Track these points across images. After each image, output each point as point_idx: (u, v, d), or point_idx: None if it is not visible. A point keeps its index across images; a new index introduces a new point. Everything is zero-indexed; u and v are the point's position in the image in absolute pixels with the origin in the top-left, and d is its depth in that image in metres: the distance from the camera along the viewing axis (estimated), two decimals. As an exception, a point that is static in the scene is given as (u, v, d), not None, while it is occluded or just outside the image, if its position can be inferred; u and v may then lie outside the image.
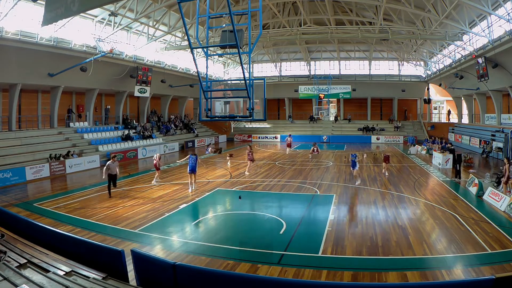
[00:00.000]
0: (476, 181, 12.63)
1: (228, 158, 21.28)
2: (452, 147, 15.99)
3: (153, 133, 27.98)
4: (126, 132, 25.28)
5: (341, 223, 9.42)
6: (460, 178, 15.07)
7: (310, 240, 8.25)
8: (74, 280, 4.54)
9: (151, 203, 11.50)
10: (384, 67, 38.63)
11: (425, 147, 24.95)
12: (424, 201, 11.67)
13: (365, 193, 12.90)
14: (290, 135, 26.60)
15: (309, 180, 15.20)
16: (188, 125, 34.33)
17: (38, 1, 13.78)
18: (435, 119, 38.54)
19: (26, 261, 5.07)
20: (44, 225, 6.89)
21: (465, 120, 32.68)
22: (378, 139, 34.39)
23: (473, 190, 12.59)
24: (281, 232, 8.74)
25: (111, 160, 12.73)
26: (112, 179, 12.60)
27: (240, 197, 12.15)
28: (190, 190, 13.30)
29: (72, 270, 4.91)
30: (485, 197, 11.74)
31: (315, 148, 22.91)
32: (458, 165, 15.49)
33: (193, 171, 13.26)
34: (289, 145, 25.48)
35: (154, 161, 15.18)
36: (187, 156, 13.63)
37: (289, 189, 13.78)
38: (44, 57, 18.55)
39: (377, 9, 24.62)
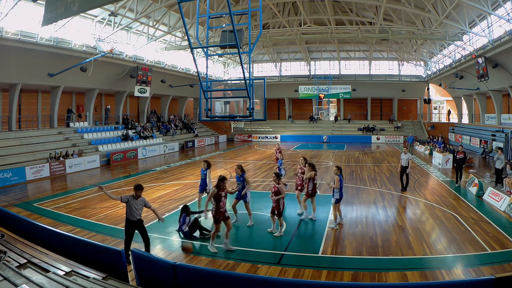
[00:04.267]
0: (476, 181, 12.62)
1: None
2: (463, 150, 14.33)
3: (153, 133, 27.99)
4: (126, 132, 25.27)
5: (341, 223, 9.41)
6: (460, 180, 14.24)
7: (310, 240, 8.25)
8: (74, 280, 4.53)
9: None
10: (384, 67, 38.63)
11: (429, 147, 24.87)
12: (424, 201, 11.67)
13: (365, 193, 12.90)
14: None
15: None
16: (188, 125, 34.32)
17: (38, 1, 13.79)
18: (435, 119, 38.55)
19: (26, 261, 5.07)
20: (44, 225, 6.89)
21: (465, 120, 32.68)
22: (378, 139, 34.39)
23: (473, 190, 12.58)
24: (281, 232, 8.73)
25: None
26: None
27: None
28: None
29: (72, 270, 4.91)
30: (485, 197, 11.74)
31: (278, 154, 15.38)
32: (460, 169, 14.11)
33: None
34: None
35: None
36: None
37: (289, 189, 13.72)
38: (44, 57, 18.55)
39: (377, 9, 24.62)
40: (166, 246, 7.94)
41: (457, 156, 14.34)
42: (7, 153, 16.67)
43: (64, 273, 4.80)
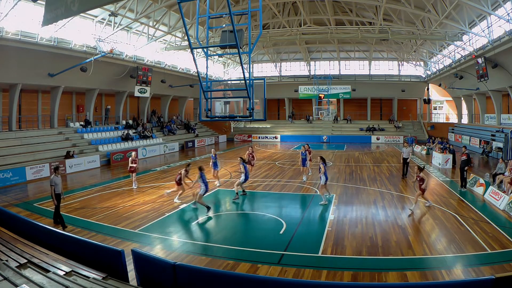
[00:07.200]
0: (481, 181, 12.62)
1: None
2: (467, 152, 13.83)
3: (153, 133, 27.99)
4: (126, 132, 25.27)
5: (341, 223, 9.42)
6: (466, 186, 13.43)
7: (310, 240, 8.25)
8: (74, 280, 4.54)
9: (151, 203, 11.51)
10: (384, 67, 38.64)
11: (425, 148, 24.98)
12: (424, 201, 11.66)
13: (365, 193, 12.91)
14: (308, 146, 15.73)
15: (309, 180, 15.19)
16: (188, 125, 34.33)
17: (38, 1, 13.77)
18: (435, 119, 38.56)
19: (26, 261, 5.07)
20: (44, 225, 6.89)
21: (465, 120, 32.70)
22: (378, 139, 34.39)
23: (479, 190, 12.55)
24: (281, 232, 8.74)
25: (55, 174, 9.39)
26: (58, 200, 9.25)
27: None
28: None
29: (72, 270, 4.91)
30: (485, 196, 11.77)
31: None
32: (463, 171, 13.41)
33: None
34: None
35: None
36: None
37: (289, 189, 13.78)
38: (44, 57, 18.54)
39: (377, 9, 24.62)
40: (166, 246, 7.94)
41: (461, 158, 13.85)
42: (7, 153, 16.67)
43: (64, 273, 4.80)
